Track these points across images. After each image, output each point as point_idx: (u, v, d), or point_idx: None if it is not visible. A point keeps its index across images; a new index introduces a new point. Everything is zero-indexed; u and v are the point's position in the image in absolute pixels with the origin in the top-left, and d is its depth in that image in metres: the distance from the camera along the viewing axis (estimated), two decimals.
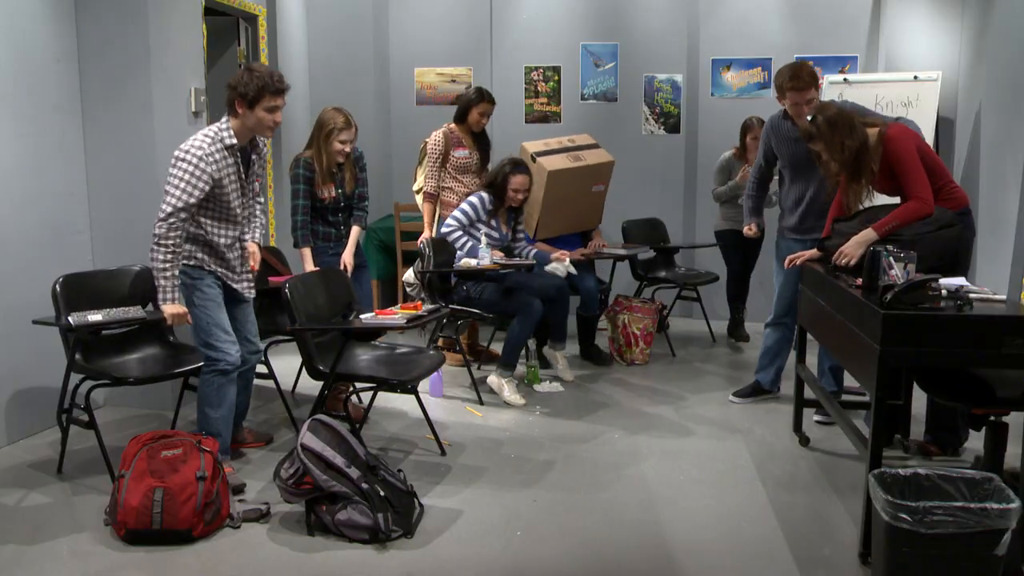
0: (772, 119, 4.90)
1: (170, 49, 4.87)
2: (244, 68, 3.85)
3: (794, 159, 4.72)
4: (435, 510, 3.69)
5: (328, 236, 4.94)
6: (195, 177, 3.66)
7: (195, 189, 3.67)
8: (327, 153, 4.75)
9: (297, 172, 4.79)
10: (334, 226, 4.94)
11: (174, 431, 3.69)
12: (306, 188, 4.79)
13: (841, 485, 3.98)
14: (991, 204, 5.65)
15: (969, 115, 6.19)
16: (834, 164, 4.06)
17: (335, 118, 4.75)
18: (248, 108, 3.74)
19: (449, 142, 5.73)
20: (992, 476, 3.00)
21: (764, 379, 5.10)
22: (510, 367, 5.25)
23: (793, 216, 4.80)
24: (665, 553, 3.35)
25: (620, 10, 7.44)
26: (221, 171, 3.75)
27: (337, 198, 4.87)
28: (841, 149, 3.99)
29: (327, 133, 4.74)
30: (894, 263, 3.29)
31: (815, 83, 4.61)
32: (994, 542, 2.76)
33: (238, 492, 3.79)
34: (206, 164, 3.68)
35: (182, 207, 3.66)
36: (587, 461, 4.27)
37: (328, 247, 4.93)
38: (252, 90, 3.72)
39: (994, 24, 5.79)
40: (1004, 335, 3.05)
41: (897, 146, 3.98)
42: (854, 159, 4.01)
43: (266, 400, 5.14)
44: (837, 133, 3.99)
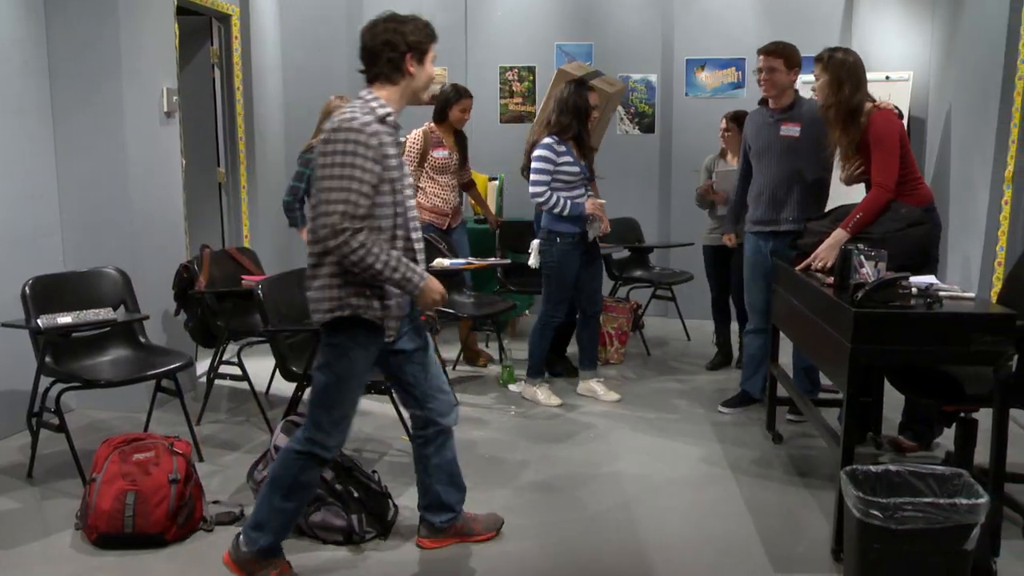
0: (754, 110, 4.91)
1: (142, 49, 4.84)
2: (385, 18, 3.03)
3: (762, 145, 4.68)
4: (410, 511, 3.66)
5: None
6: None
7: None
8: None
9: (309, 157, 4.98)
10: None
11: (146, 434, 3.67)
12: (310, 173, 4.85)
13: (814, 482, 4.00)
14: (961, 203, 5.71)
15: (940, 115, 6.25)
16: (824, 99, 4.09)
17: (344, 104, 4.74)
18: (419, 63, 3.06)
19: (428, 141, 5.64)
20: (961, 472, 3.02)
21: (752, 388, 4.98)
22: (539, 374, 5.21)
23: (757, 208, 4.73)
24: (639, 551, 3.36)
25: (595, 10, 7.45)
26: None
27: None
28: (838, 89, 4.02)
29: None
30: (865, 262, 3.31)
31: (785, 57, 4.55)
32: (963, 537, 2.78)
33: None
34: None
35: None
36: (562, 461, 4.27)
37: None
38: (423, 36, 3.05)
39: (963, 25, 5.85)
40: (972, 332, 3.08)
41: (880, 127, 4.01)
42: (846, 112, 4.03)
43: (240, 402, 5.11)
44: (845, 75, 4.02)
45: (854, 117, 4.04)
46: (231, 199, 6.53)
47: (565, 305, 5.09)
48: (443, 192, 5.67)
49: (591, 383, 5.29)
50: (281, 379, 4.24)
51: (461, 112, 5.66)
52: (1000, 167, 5.10)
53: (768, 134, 4.63)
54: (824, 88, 4.09)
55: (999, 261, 5.12)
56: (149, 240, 4.92)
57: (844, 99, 4.01)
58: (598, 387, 5.27)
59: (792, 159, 4.56)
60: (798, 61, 4.61)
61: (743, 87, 7.22)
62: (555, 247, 4.93)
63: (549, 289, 5.04)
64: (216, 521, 3.54)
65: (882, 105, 4.09)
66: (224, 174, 6.47)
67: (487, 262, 5.41)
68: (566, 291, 5.03)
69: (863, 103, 4.04)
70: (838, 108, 4.04)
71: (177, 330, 5.07)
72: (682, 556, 3.33)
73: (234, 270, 5.04)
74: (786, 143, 4.57)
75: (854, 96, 4.01)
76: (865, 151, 4.05)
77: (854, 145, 4.08)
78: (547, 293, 5.06)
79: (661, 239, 7.43)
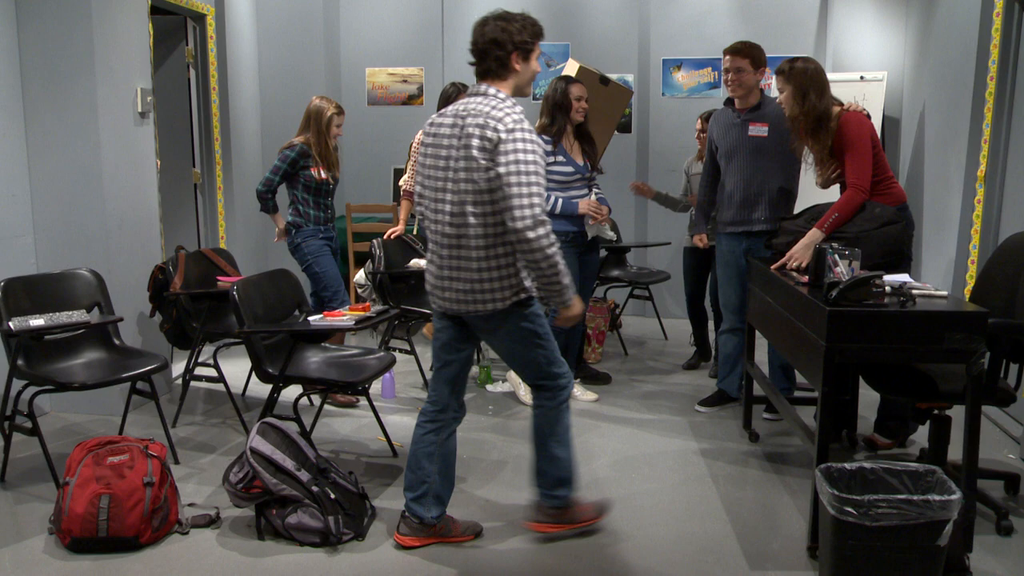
0: (716, 110, 4.93)
1: (115, 48, 4.80)
2: (495, 16, 3.16)
3: (731, 146, 4.69)
4: (387, 512, 3.67)
5: (319, 219, 5.20)
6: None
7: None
8: (328, 137, 5.11)
9: (289, 154, 5.05)
10: (323, 209, 5.22)
11: (121, 436, 3.64)
12: (287, 169, 5.06)
13: (790, 480, 4.02)
14: (935, 202, 5.75)
15: (914, 115, 6.30)
16: (791, 111, 4.11)
17: (329, 105, 5.12)
18: (525, 61, 3.17)
19: None
20: (935, 469, 3.05)
21: (729, 387, 4.99)
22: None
23: (729, 209, 4.74)
24: (616, 551, 3.37)
25: (571, 10, 7.46)
26: None
27: (328, 180, 5.16)
28: (803, 99, 4.05)
29: (328, 119, 5.09)
30: (839, 260, 3.34)
31: (751, 57, 4.56)
32: (936, 533, 2.81)
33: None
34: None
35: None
36: None
37: (319, 230, 5.19)
38: (529, 35, 3.16)
39: (936, 26, 5.90)
40: (945, 330, 3.11)
41: (852, 129, 4.04)
42: (814, 120, 4.06)
43: (216, 404, 5.09)
44: (808, 84, 4.06)
45: (823, 123, 4.07)
46: (207, 200, 6.50)
47: None
48: None
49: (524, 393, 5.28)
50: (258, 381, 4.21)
51: None
52: (973, 166, 5.15)
53: (736, 135, 4.65)
54: (789, 100, 4.13)
55: (972, 259, 5.17)
56: (123, 241, 4.88)
57: (810, 108, 4.05)
58: (576, 388, 5.27)
59: (761, 159, 4.59)
60: (764, 60, 4.64)
61: (719, 87, 7.25)
62: None
63: None
64: (192, 524, 3.52)
65: (850, 107, 4.13)
66: (200, 175, 6.44)
67: None
68: None
69: (830, 108, 4.07)
70: (806, 117, 4.08)
71: (152, 332, 5.04)
72: (659, 554, 3.34)
73: (210, 271, 5.02)
74: (755, 143, 4.60)
75: (819, 103, 4.05)
76: (839, 154, 4.08)
77: (827, 150, 4.11)
78: None
79: (638, 239, 7.46)
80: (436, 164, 3.17)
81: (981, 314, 3.14)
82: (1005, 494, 3.83)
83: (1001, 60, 4.95)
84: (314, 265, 5.15)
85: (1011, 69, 4.94)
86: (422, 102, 7.57)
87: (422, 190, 3.26)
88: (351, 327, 3.98)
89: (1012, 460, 4.24)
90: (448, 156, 3.12)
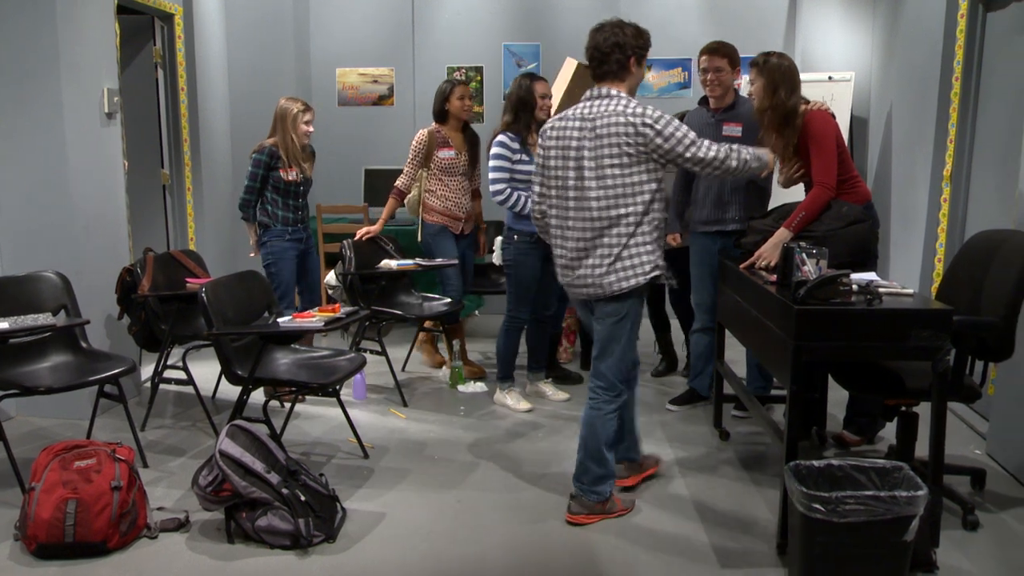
0: (691, 110, 4.95)
1: (81, 48, 4.74)
2: (612, 24, 3.64)
3: None
4: (358, 514, 3.66)
5: (287, 220, 5.22)
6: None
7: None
8: (296, 136, 5.13)
9: (259, 158, 5.10)
10: (293, 210, 5.24)
11: (88, 440, 3.60)
12: (263, 174, 5.11)
13: (760, 478, 4.05)
14: (902, 201, 5.81)
15: (881, 114, 6.36)
16: (760, 103, 4.15)
17: (294, 104, 5.16)
18: (639, 65, 3.57)
19: (434, 141, 5.40)
20: (901, 465, 3.08)
21: (700, 385, 5.01)
22: (508, 379, 5.16)
23: (703, 208, 4.77)
24: (588, 550, 3.38)
25: (542, 10, 7.46)
26: None
27: (298, 182, 5.21)
28: (773, 93, 4.07)
29: (293, 118, 5.11)
30: (807, 259, 3.36)
31: (728, 56, 4.61)
32: (903, 528, 2.84)
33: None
34: None
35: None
36: (511, 461, 4.28)
37: (287, 230, 5.22)
38: (643, 42, 3.58)
39: (903, 27, 5.96)
40: (911, 328, 3.14)
41: (817, 127, 4.07)
42: (782, 116, 4.09)
43: (186, 407, 5.05)
44: (780, 79, 4.08)
45: (789, 120, 4.10)
46: (176, 201, 6.45)
47: (528, 306, 5.03)
48: (454, 195, 5.44)
49: (539, 384, 5.30)
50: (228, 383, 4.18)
51: (460, 100, 5.40)
52: (939, 165, 5.21)
53: (710, 134, 4.65)
54: (760, 92, 4.15)
55: (939, 258, 5.23)
56: (90, 243, 4.83)
57: (779, 102, 4.07)
58: (546, 388, 5.28)
59: None
60: (739, 59, 4.67)
61: (689, 87, 7.29)
62: (513, 245, 4.90)
63: (509, 289, 5.01)
64: (160, 528, 3.49)
65: (815, 106, 4.16)
66: (168, 176, 6.38)
67: (435, 263, 5.39)
68: (526, 291, 4.96)
69: (798, 106, 4.10)
70: (773, 111, 4.10)
71: (120, 334, 4.99)
72: (628, 553, 3.35)
73: (178, 273, 4.97)
74: (729, 143, 4.60)
75: (789, 99, 4.08)
76: (803, 153, 4.11)
77: (792, 148, 4.14)
78: (508, 294, 5.03)
79: None
80: (565, 164, 3.47)
81: (946, 312, 3.17)
82: (971, 489, 3.87)
83: (966, 61, 5.02)
84: (272, 266, 5.21)
85: (975, 70, 5.01)
86: (393, 102, 7.55)
87: (546, 190, 3.59)
88: (321, 328, 3.97)
89: (978, 456, 4.29)
90: (581, 156, 3.43)
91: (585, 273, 3.48)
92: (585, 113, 3.44)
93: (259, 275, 4.55)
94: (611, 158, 3.37)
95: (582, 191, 3.43)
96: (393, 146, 7.44)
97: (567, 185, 3.48)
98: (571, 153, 3.45)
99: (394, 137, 7.48)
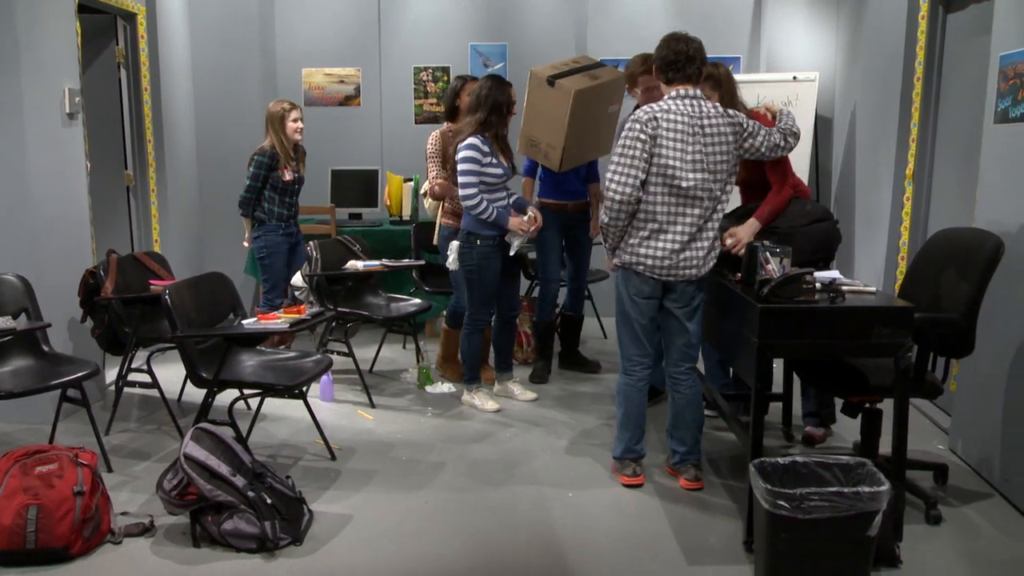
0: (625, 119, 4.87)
1: (41, 47, 4.68)
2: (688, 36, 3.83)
3: None
4: (325, 516, 3.64)
5: (282, 216, 5.61)
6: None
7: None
8: (286, 136, 5.50)
9: (262, 160, 5.47)
10: (287, 207, 5.64)
11: (50, 445, 3.54)
12: (264, 174, 5.48)
13: (726, 476, 4.08)
14: (866, 199, 5.87)
15: (845, 114, 6.42)
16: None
17: (281, 104, 5.55)
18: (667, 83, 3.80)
19: (447, 142, 5.26)
20: (865, 461, 3.11)
21: (656, 381, 4.93)
22: (474, 380, 5.14)
23: None
24: (556, 549, 3.38)
25: (508, 10, 7.46)
26: None
27: (295, 180, 5.61)
28: (733, 101, 4.13)
29: (280, 119, 5.48)
30: (770, 258, 3.39)
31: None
32: (867, 524, 2.87)
33: None
34: None
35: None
36: (478, 461, 4.28)
37: (281, 226, 5.61)
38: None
39: (866, 28, 6.02)
40: (873, 325, 3.17)
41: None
42: None
43: (151, 410, 5.00)
44: (732, 88, 4.19)
45: None
46: (140, 202, 6.37)
47: (489, 307, 5.02)
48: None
49: (507, 384, 5.30)
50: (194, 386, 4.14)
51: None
52: (902, 165, 5.27)
53: None
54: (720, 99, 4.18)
55: (902, 256, 5.29)
56: (52, 245, 4.77)
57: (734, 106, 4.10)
58: (514, 387, 5.28)
59: None
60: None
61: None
62: (475, 250, 4.85)
63: (471, 293, 4.96)
64: (125, 533, 3.45)
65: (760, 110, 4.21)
66: (132, 176, 6.31)
67: (401, 264, 5.37)
68: (488, 293, 4.95)
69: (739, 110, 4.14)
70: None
71: (84, 338, 4.93)
72: (597, 552, 3.36)
73: (142, 275, 4.92)
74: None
75: (731, 106, 4.10)
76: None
77: None
78: (469, 297, 4.98)
79: None
80: (682, 157, 3.67)
81: (907, 309, 3.21)
82: (934, 484, 3.92)
83: (927, 61, 5.08)
84: (265, 258, 5.62)
85: (936, 70, 5.07)
86: (359, 103, 7.51)
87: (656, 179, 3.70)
88: (285, 330, 3.94)
89: (941, 451, 4.35)
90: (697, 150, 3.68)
91: (691, 256, 3.73)
92: (690, 111, 3.68)
93: (224, 277, 4.51)
94: (720, 154, 3.69)
95: (698, 182, 3.67)
96: (360, 146, 7.42)
97: (683, 176, 3.66)
98: (688, 148, 3.66)
99: (361, 137, 7.45)
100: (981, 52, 4.27)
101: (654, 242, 3.72)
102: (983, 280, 3.39)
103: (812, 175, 6.58)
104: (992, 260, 3.39)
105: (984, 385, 3.99)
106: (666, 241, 3.72)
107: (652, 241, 3.72)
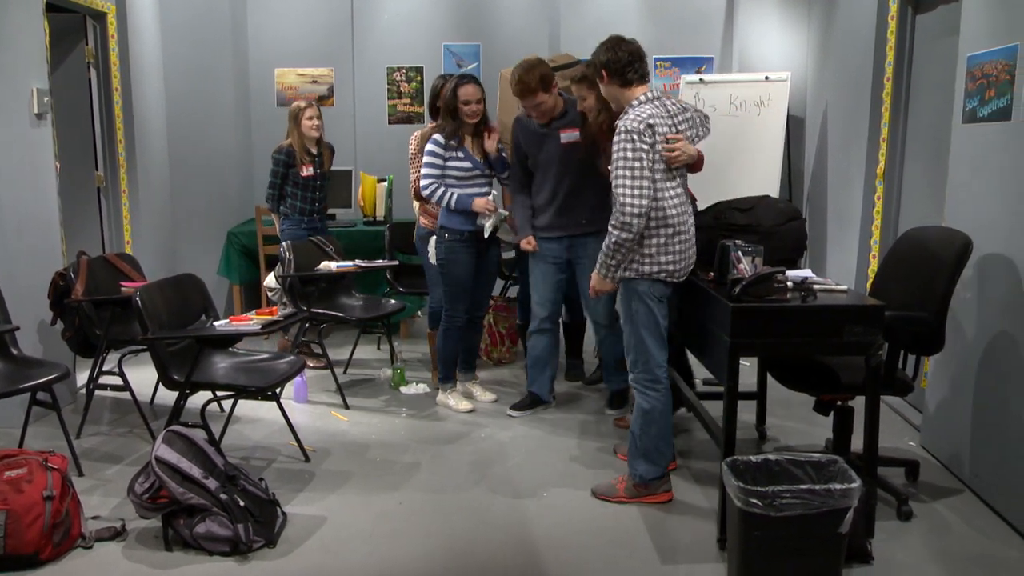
0: (519, 116, 4.80)
1: (8, 47, 4.63)
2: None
3: (543, 155, 4.66)
4: (299, 518, 3.62)
5: (303, 211, 5.82)
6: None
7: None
8: (301, 134, 5.72)
9: (278, 157, 5.72)
10: (308, 202, 5.82)
11: (19, 450, 3.52)
12: (283, 171, 5.73)
13: (700, 474, 4.09)
14: (838, 198, 5.92)
15: (817, 114, 6.46)
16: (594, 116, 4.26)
17: (297, 103, 5.78)
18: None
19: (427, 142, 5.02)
20: (836, 458, 3.14)
21: (540, 390, 4.98)
22: (448, 380, 5.11)
23: (545, 215, 4.72)
24: (530, 549, 3.38)
25: (481, 10, 7.46)
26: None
27: (315, 176, 5.80)
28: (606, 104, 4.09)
29: (296, 117, 5.71)
30: (743, 257, 3.40)
31: (543, 88, 4.49)
32: (838, 521, 2.89)
33: None
34: None
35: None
36: (453, 462, 4.27)
37: (303, 220, 5.81)
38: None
39: (837, 28, 6.06)
40: (844, 324, 3.19)
41: None
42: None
43: (123, 413, 4.95)
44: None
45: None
46: (111, 203, 6.31)
47: (464, 304, 4.97)
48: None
49: (467, 385, 5.27)
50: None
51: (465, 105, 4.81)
52: (872, 164, 5.31)
53: (548, 144, 4.63)
54: (593, 104, 4.25)
55: (874, 255, 5.33)
56: (21, 247, 4.71)
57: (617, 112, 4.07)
58: (473, 388, 5.27)
59: (578, 163, 4.59)
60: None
61: None
62: (444, 244, 4.86)
63: (444, 288, 4.95)
64: (96, 537, 3.42)
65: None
66: (103, 177, 6.25)
67: (375, 264, 5.35)
68: (459, 289, 4.91)
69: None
70: (609, 119, 4.09)
71: (54, 340, 4.88)
72: (571, 551, 3.37)
73: (113, 277, 4.88)
74: (568, 149, 4.60)
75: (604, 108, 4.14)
76: None
77: None
78: (444, 293, 4.98)
79: None
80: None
81: (878, 307, 3.23)
82: (906, 480, 3.95)
83: (896, 61, 5.12)
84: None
85: (906, 70, 5.11)
86: (333, 103, 7.49)
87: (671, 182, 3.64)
88: (258, 331, 3.92)
89: (912, 447, 4.39)
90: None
91: (694, 251, 3.78)
92: (665, 112, 3.64)
93: (196, 278, 4.47)
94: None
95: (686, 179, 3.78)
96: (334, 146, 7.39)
97: (683, 176, 3.75)
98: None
99: (334, 138, 7.38)
100: (949, 53, 4.31)
101: (671, 247, 3.62)
102: (952, 278, 3.42)
103: (784, 174, 6.62)
104: (961, 258, 3.42)
105: (954, 382, 4.03)
106: (681, 243, 3.65)
107: (669, 246, 3.62)
